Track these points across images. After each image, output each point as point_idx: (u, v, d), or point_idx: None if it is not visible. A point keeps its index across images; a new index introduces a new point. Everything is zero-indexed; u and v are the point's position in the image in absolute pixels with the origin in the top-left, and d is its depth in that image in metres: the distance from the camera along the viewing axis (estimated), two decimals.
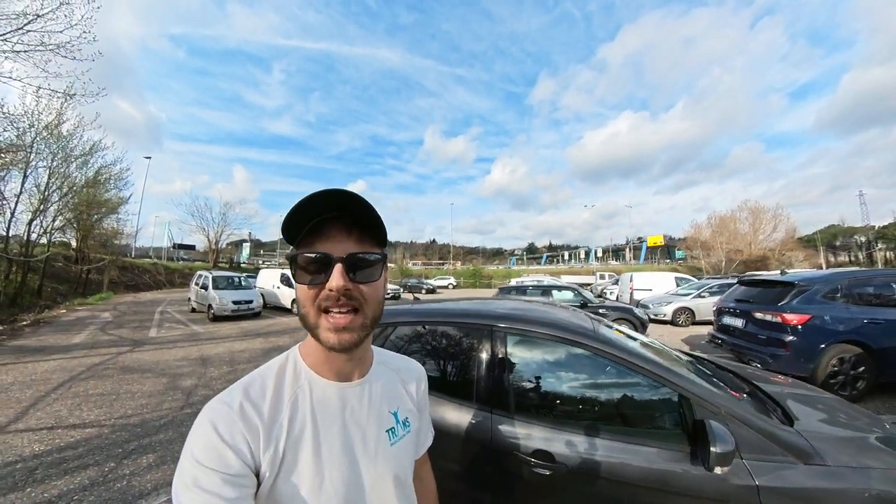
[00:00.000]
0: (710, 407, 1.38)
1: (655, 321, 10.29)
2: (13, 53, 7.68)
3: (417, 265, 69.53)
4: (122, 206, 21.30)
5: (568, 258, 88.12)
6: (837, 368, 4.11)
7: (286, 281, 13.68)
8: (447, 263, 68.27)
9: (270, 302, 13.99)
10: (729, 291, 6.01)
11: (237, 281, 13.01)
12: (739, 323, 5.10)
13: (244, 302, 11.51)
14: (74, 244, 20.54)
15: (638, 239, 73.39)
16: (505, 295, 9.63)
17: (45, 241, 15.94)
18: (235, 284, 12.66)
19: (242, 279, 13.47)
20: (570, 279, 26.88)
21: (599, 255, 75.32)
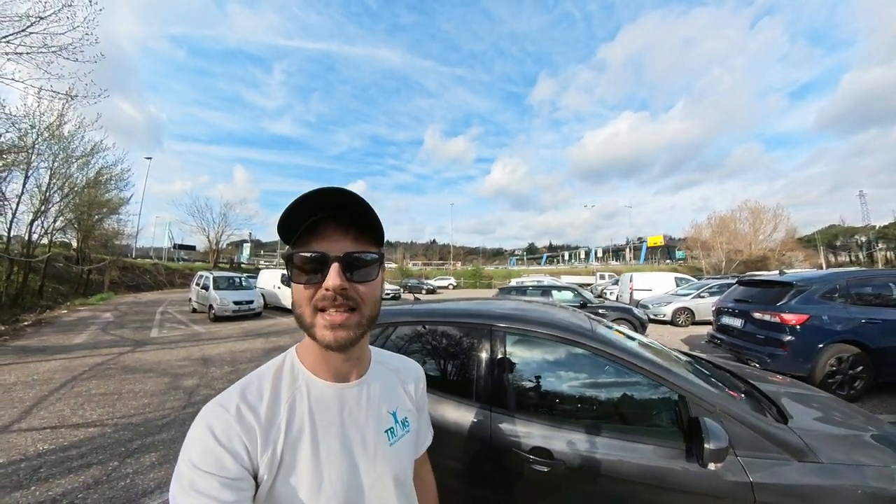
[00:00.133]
0: (705, 405, 1.41)
1: (655, 321, 10.30)
2: (16, 55, 7.73)
3: (418, 265, 69.57)
4: (122, 206, 21.42)
5: (568, 258, 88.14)
6: (835, 368, 4.13)
7: (287, 281, 13.64)
8: (447, 264, 68.27)
9: (271, 302, 14.01)
10: (728, 292, 6.02)
11: (238, 281, 13.04)
12: (738, 323, 5.12)
13: (245, 302, 11.54)
14: (75, 244, 20.58)
15: (638, 239, 73.41)
16: (505, 295, 9.65)
17: (46, 241, 16.01)
18: (236, 285, 12.69)
19: (243, 279, 13.50)
20: (570, 279, 26.91)
21: (599, 255, 75.32)
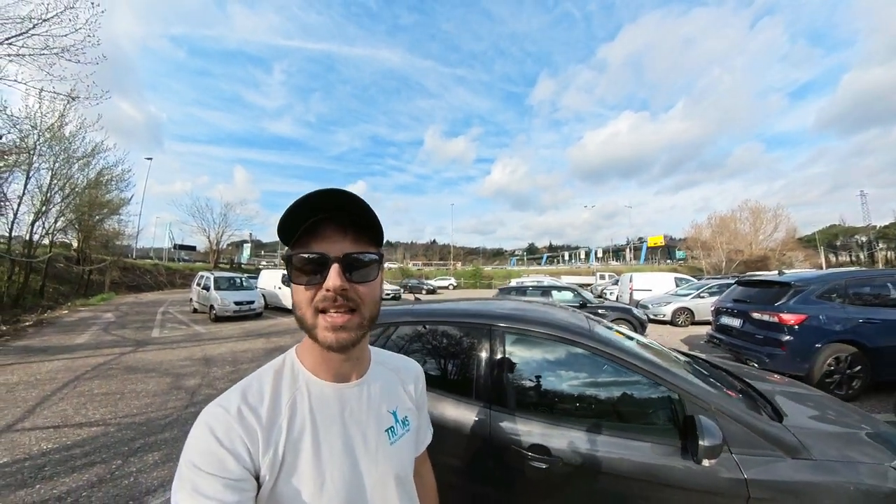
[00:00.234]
0: (700, 403, 1.43)
1: (655, 321, 10.32)
2: (18, 57, 7.77)
3: (418, 266, 69.60)
4: (123, 207, 21.42)
5: (568, 258, 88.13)
6: (833, 368, 4.15)
7: (287, 282, 13.69)
8: (447, 264, 68.29)
9: (272, 302, 14.04)
10: (727, 292, 6.05)
11: (239, 282, 13.07)
12: (737, 323, 5.14)
13: (246, 302, 11.57)
14: (76, 245, 20.62)
15: (638, 239, 73.50)
16: (505, 295, 9.67)
17: (47, 242, 16.05)
18: (237, 285, 12.73)
19: (244, 280, 13.54)
20: (570, 279, 26.94)
21: (600, 255, 75.30)
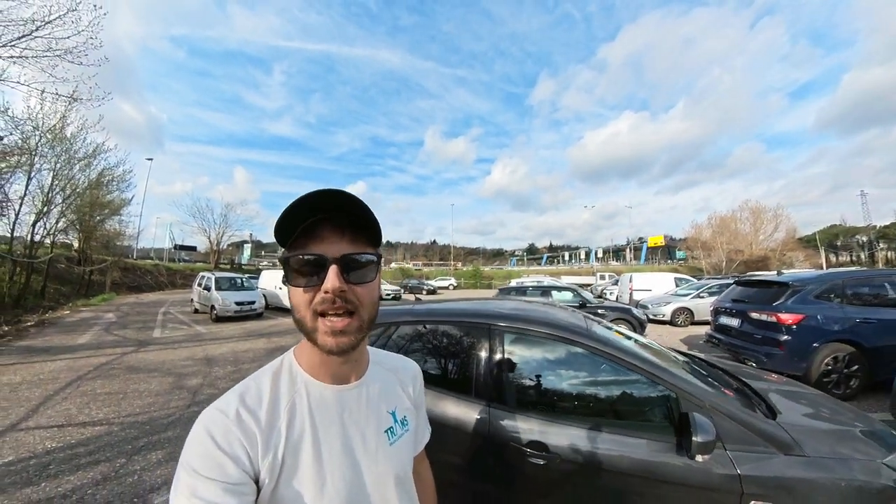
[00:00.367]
0: (695, 401, 1.46)
1: (654, 321, 10.34)
2: (21, 59, 7.82)
3: (418, 266, 69.64)
4: (124, 207, 21.49)
5: (568, 259, 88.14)
6: (831, 367, 4.18)
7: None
8: (448, 264, 68.34)
9: (273, 303, 14.08)
10: (726, 292, 6.08)
11: (239, 282, 13.12)
12: (736, 323, 5.17)
13: (247, 303, 11.61)
14: (77, 245, 20.67)
15: (638, 239, 73.53)
16: (504, 295, 9.71)
17: (48, 242, 16.10)
18: (238, 285, 12.77)
19: (245, 280, 13.59)
20: (570, 280, 26.97)
21: (600, 255, 75.30)
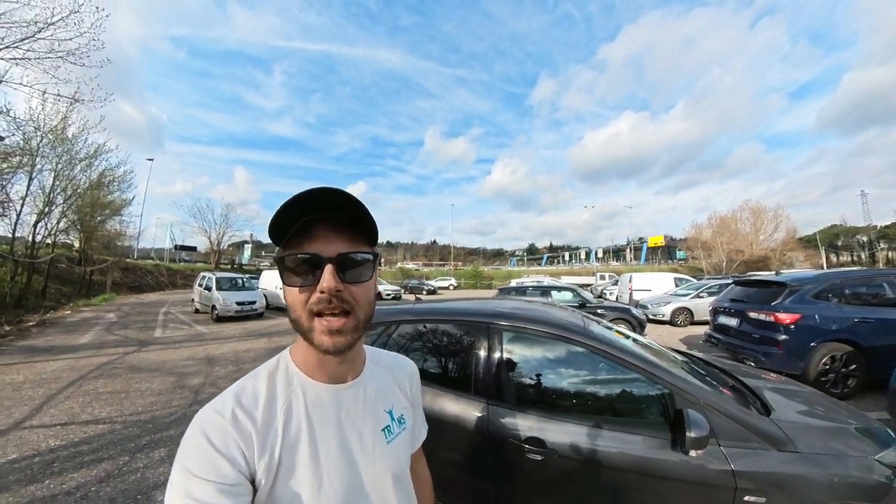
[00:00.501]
0: (690, 398, 1.49)
1: (654, 321, 10.36)
2: (24, 60, 7.85)
3: (418, 266, 69.70)
4: (125, 207, 21.53)
5: (568, 259, 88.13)
6: (829, 366, 4.21)
7: None
8: (448, 264, 68.38)
9: (273, 303, 14.11)
10: (725, 291, 6.11)
11: (240, 282, 13.15)
12: (734, 322, 5.20)
13: (247, 303, 11.64)
14: (77, 245, 20.71)
15: (639, 239, 73.52)
16: (504, 295, 9.74)
17: (49, 242, 16.14)
18: (238, 285, 12.80)
19: (245, 280, 13.62)
20: (570, 280, 26.98)
21: (600, 255, 75.30)
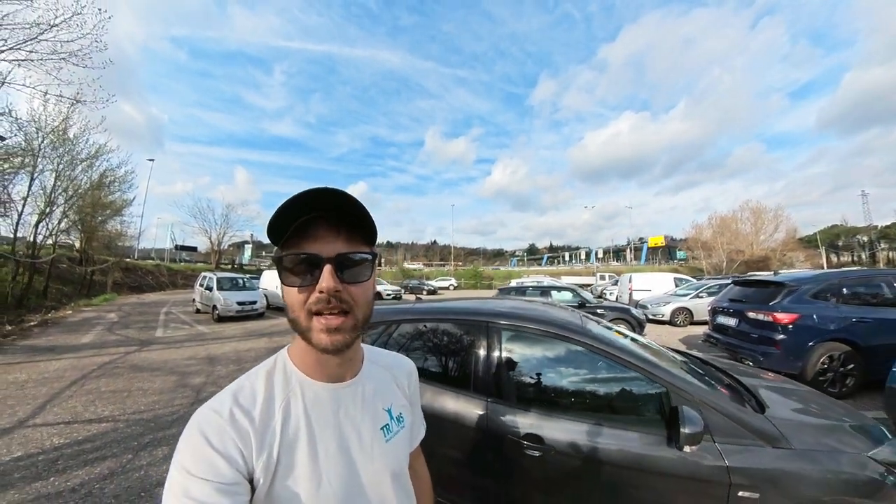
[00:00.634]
0: (685, 395, 1.52)
1: (654, 321, 10.38)
2: (27, 62, 7.90)
3: (418, 266, 69.72)
4: (126, 207, 21.58)
5: (569, 259, 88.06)
6: (827, 366, 4.23)
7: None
8: (448, 264, 68.41)
9: (274, 303, 14.13)
10: (724, 291, 6.13)
11: (241, 282, 13.19)
12: (733, 322, 5.22)
13: (248, 303, 11.67)
14: (78, 245, 20.75)
15: (639, 240, 73.49)
16: (504, 295, 9.76)
17: (50, 242, 16.17)
18: (239, 286, 12.84)
19: (246, 280, 13.65)
20: (570, 280, 26.99)
21: (600, 255, 75.26)
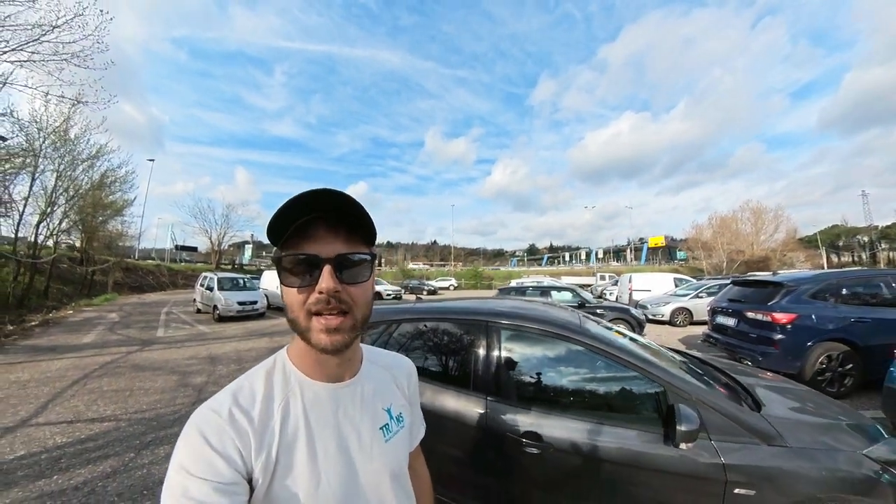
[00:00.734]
0: (682, 394, 1.54)
1: (654, 321, 10.39)
2: (29, 63, 7.93)
3: (418, 266, 69.73)
4: (126, 208, 21.61)
5: (569, 259, 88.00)
6: (825, 366, 4.24)
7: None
8: (448, 265, 68.42)
9: (274, 303, 14.14)
10: (723, 292, 6.14)
11: (242, 282, 13.22)
12: (732, 322, 5.24)
13: (249, 303, 11.70)
14: (79, 244, 20.76)
15: (639, 240, 73.44)
16: (504, 295, 9.78)
17: (51, 243, 16.20)
18: (240, 286, 12.87)
19: (247, 280, 13.68)
20: (570, 280, 27.01)
21: (600, 256, 75.22)
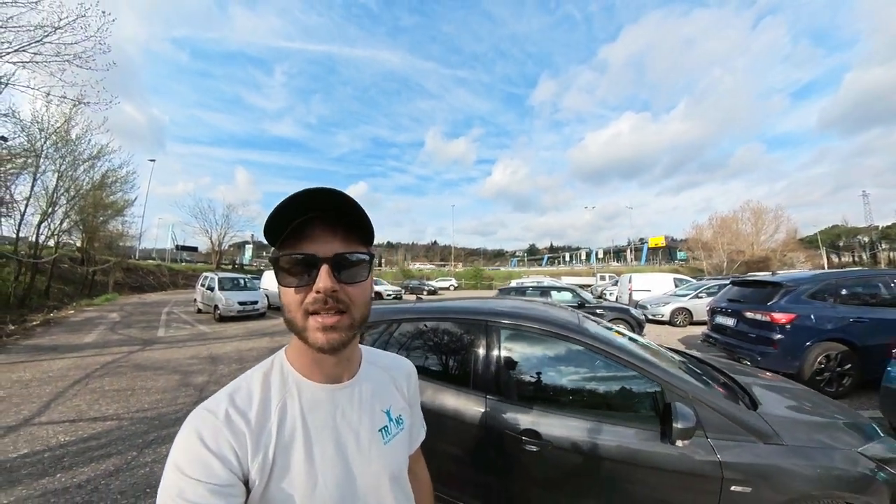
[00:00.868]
0: (679, 392, 1.56)
1: (653, 321, 10.41)
2: (32, 64, 7.96)
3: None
4: (127, 208, 21.65)
5: (569, 259, 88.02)
6: (824, 366, 4.26)
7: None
8: (448, 265, 68.45)
9: (275, 303, 14.14)
10: (722, 292, 6.16)
11: (242, 282, 13.25)
12: (731, 322, 5.25)
13: (249, 303, 11.74)
14: (79, 244, 20.79)
15: (639, 240, 73.36)
16: (504, 295, 9.80)
17: (52, 243, 16.23)
18: (241, 286, 12.90)
19: (247, 280, 13.72)
20: (570, 280, 27.04)
21: (600, 256, 75.24)
